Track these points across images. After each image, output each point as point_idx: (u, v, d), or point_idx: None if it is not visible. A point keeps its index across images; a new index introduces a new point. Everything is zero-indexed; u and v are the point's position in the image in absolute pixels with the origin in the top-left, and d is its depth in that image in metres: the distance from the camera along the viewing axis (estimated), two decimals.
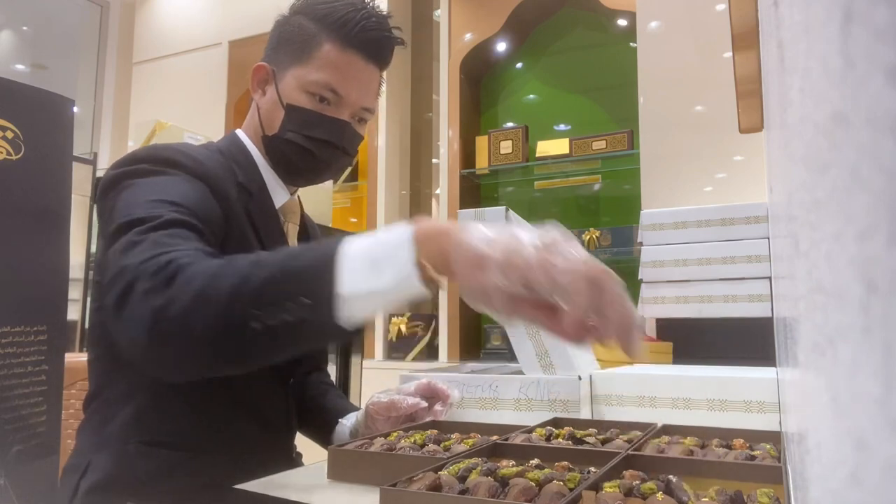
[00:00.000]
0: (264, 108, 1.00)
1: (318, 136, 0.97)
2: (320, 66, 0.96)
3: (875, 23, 0.11)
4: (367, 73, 0.99)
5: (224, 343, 0.63)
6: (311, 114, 0.96)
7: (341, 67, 0.96)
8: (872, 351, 0.11)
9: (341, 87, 0.96)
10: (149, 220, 0.74)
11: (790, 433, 0.48)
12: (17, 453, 0.43)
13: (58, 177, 0.50)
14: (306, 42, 0.97)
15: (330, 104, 0.97)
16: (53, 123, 0.48)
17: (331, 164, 1.01)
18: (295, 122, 0.97)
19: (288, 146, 0.98)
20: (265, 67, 1.00)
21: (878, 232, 0.11)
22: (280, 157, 1.00)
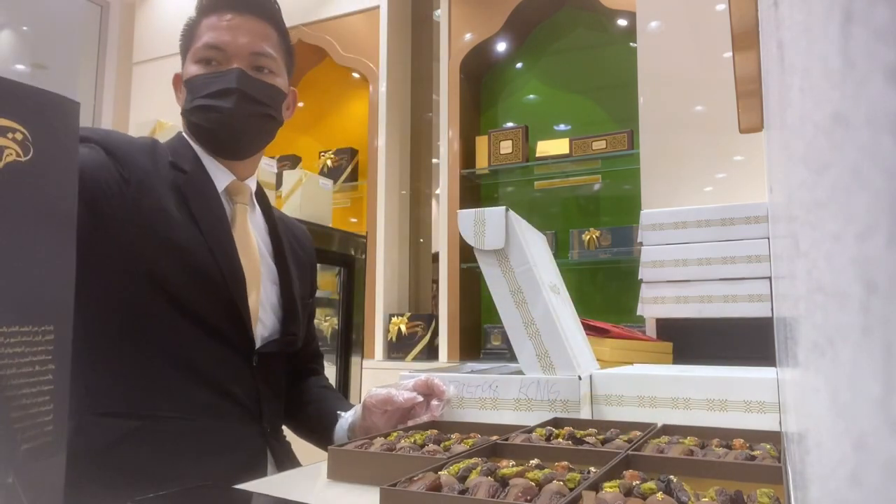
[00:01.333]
0: (181, 102, 1.06)
1: (213, 90, 1.00)
2: (200, 36, 1.03)
3: (875, 23, 0.11)
4: (247, 23, 1.04)
5: None
6: (201, 76, 1.01)
7: (216, 27, 1.03)
8: (872, 351, 0.11)
9: (220, 40, 1.02)
10: None
11: (790, 433, 0.48)
12: (26, 452, 0.43)
13: (65, 178, 0.51)
14: (190, 31, 1.06)
15: (220, 63, 1.02)
16: (61, 126, 0.48)
17: (234, 113, 1.01)
18: (192, 89, 1.02)
19: (194, 114, 1.02)
20: (177, 74, 1.08)
21: (878, 232, 0.11)
22: (196, 130, 1.04)
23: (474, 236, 1.06)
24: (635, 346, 1.55)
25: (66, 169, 0.47)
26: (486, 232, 1.05)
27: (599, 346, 1.44)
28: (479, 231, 1.06)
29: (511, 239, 1.05)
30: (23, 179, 0.43)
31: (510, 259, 1.04)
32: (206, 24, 1.04)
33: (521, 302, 1.04)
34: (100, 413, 0.90)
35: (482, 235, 1.06)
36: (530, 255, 1.05)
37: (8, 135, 0.40)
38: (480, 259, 1.07)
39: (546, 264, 1.20)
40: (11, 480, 0.39)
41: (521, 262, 1.04)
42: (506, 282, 1.05)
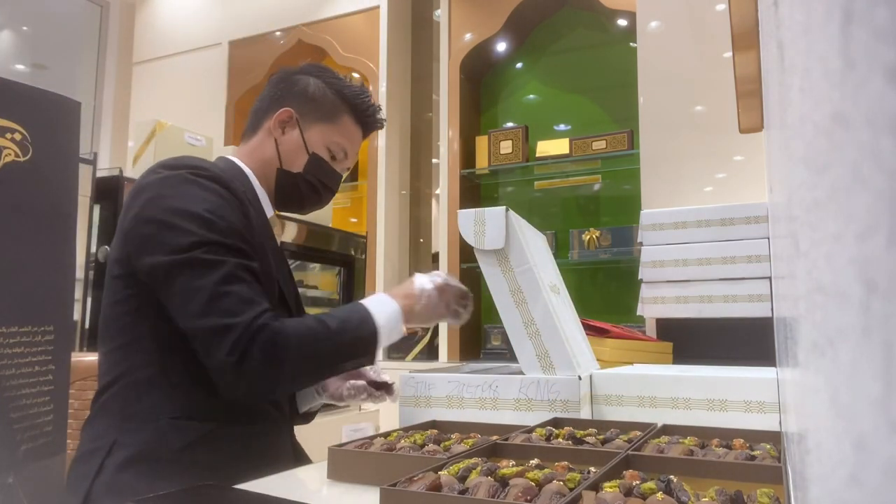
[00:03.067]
0: (287, 146, 1.21)
1: (328, 184, 1.24)
2: (342, 133, 1.24)
3: (875, 23, 0.11)
4: (360, 143, 1.31)
5: (310, 383, 1.14)
6: (328, 166, 1.23)
7: (354, 140, 1.27)
8: (872, 351, 0.11)
9: (349, 152, 1.26)
10: (217, 265, 0.95)
11: (790, 433, 0.48)
12: (25, 452, 0.43)
13: (65, 178, 0.51)
14: (332, 110, 1.23)
15: (338, 161, 1.25)
16: (61, 125, 0.48)
17: (322, 203, 1.27)
18: (316, 168, 1.21)
19: (304, 184, 1.21)
20: (290, 112, 1.21)
21: (878, 232, 0.11)
22: (291, 189, 1.21)
23: (474, 236, 1.06)
24: (635, 346, 1.55)
25: (66, 169, 0.47)
26: (486, 232, 1.05)
27: (599, 346, 1.44)
28: (479, 231, 1.06)
29: (511, 239, 1.05)
30: (22, 179, 0.43)
31: (510, 259, 1.04)
32: (350, 125, 1.24)
33: (521, 302, 1.04)
34: (176, 417, 0.99)
35: (482, 235, 1.06)
36: (530, 255, 1.05)
37: (7, 135, 0.40)
38: (480, 259, 1.07)
39: (546, 264, 1.20)
40: (11, 480, 0.39)
41: (521, 262, 1.04)
42: (506, 282, 1.05)
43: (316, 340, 0.99)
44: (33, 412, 0.46)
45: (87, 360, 1.36)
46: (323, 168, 1.22)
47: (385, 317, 1.06)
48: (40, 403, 0.46)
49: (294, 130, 1.21)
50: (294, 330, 0.97)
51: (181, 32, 3.98)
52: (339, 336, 1.01)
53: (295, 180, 1.21)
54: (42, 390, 0.47)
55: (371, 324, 1.04)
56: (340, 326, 1.01)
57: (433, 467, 0.63)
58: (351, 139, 1.25)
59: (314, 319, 1.01)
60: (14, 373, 0.43)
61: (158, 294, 0.97)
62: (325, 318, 1.02)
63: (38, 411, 0.46)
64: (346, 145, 1.25)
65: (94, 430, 0.99)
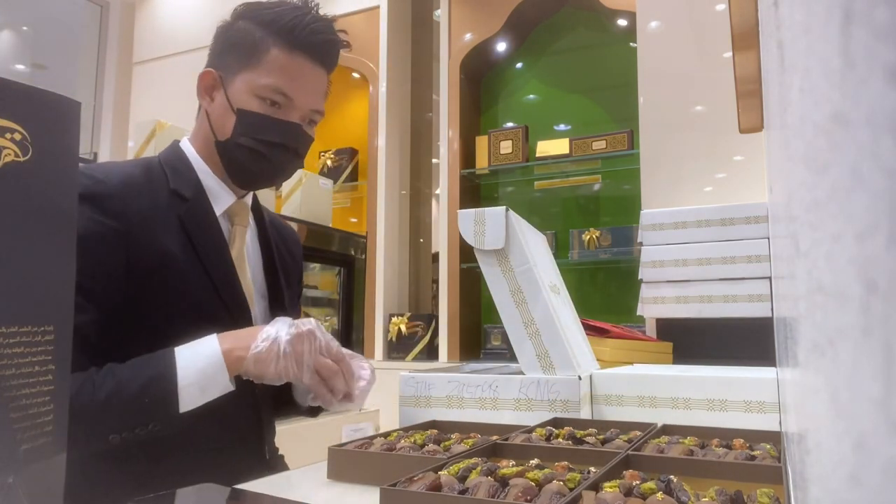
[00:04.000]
0: (215, 113, 1.02)
1: (271, 140, 0.99)
2: (269, 71, 0.98)
3: (875, 23, 0.11)
4: (315, 76, 1.02)
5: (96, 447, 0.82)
6: (262, 118, 0.98)
7: (290, 71, 0.99)
8: (872, 351, 0.11)
9: (291, 90, 0.99)
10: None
11: (790, 433, 0.48)
12: (26, 452, 0.43)
13: (65, 179, 0.50)
14: (253, 46, 0.99)
15: (280, 107, 1.00)
16: (61, 126, 0.48)
17: (284, 167, 1.03)
18: (247, 126, 0.98)
19: (240, 150, 0.99)
20: (212, 73, 1.03)
21: (878, 232, 0.11)
22: (233, 162, 1.01)
23: (474, 236, 1.06)
24: (635, 346, 1.55)
25: (66, 169, 0.47)
26: (486, 232, 1.05)
27: (599, 346, 1.44)
28: (479, 231, 1.06)
29: (511, 239, 1.05)
30: (22, 180, 0.43)
31: (510, 259, 1.04)
32: (277, 56, 0.99)
33: (521, 302, 1.04)
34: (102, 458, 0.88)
35: (482, 235, 1.06)
36: (530, 255, 1.05)
37: (6, 135, 0.40)
38: (480, 259, 1.07)
39: (546, 264, 1.20)
40: (11, 480, 0.39)
41: (521, 262, 1.04)
42: (506, 282, 1.05)
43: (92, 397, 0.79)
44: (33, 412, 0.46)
45: None
46: (255, 123, 0.98)
47: (195, 371, 0.83)
48: (40, 403, 0.46)
49: (219, 92, 1.02)
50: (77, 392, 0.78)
51: (181, 32, 3.98)
52: (107, 404, 0.79)
53: (227, 149, 1.00)
54: (42, 390, 0.47)
55: (169, 382, 0.82)
56: (115, 389, 0.79)
57: (433, 467, 0.63)
58: (285, 72, 0.98)
59: (84, 380, 0.80)
60: (14, 373, 0.43)
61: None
62: (106, 375, 0.81)
63: (38, 411, 0.46)
64: (280, 82, 0.98)
65: None
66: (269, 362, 0.84)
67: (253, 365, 0.84)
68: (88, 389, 0.80)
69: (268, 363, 0.84)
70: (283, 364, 0.84)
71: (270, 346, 0.85)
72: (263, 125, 0.99)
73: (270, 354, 0.84)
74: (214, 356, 0.84)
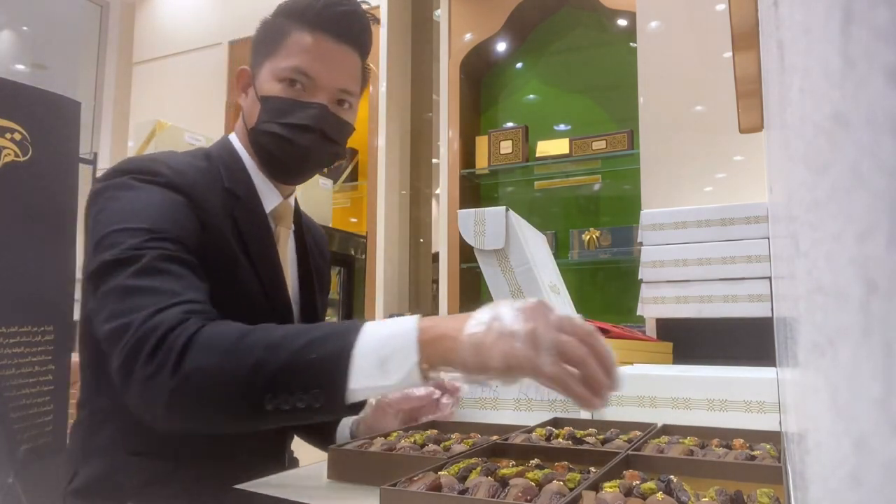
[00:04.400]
0: (246, 107, 1.01)
1: (293, 122, 0.95)
2: (290, 53, 0.96)
3: (875, 23, 0.11)
4: (340, 54, 0.98)
5: (235, 419, 0.69)
6: (283, 101, 0.96)
7: (310, 49, 0.96)
8: (872, 351, 0.11)
9: (311, 68, 0.95)
10: (136, 259, 0.76)
11: (790, 433, 0.48)
12: (26, 452, 0.43)
13: (64, 178, 0.50)
14: (275, 35, 0.98)
15: (305, 89, 0.96)
16: (60, 125, 0.48)
17: (311, 151, 0.97)
18: (269, 111, 0.96)
19: (266, 137, 0.97)
20: (245, 70, 1.03)
21: (878, 232, 0.11)
22: (262, 151, 0.99)
23: (474, 236, 1.06)
24: (635, 346, 1.55)
25: (66, 169, 0.47)
26: (486, 232, 1.05)
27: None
28: (479, 231, 1.06)
29: (511, 239, 1.05)
30: (22, 179, 0.43)
31: (510, 259, 1.04)
32: (297, 37, 0.96)
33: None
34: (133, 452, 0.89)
35: (482, 235, 1.06)
36: (530, 255, 1.05)
37: (6, 135, 0.40)
38: (480, 259, 1.07)
39: (546, 264, 1.20)
40: (11, 480, 0.39)
41: (521, 262, 1.04)
42: (506, 282, 1.05)
43: (244, 342, 0.67)
44: (33, 412, 0.46)
45: None
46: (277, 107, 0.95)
47: (380, 337, 0.66)
48: (40, 403, 0.45)
49: (251, 88, 1.01)
50: (218, 331, 0.70)
51: (181, 32, 3.98)
52: (283, 343, 0.66)
53: (256, 138, 0.98)
54: (42, 390, 0.47)
55: (345, 339, 0.66)
56: (292, 336, 0.67)
57: (433, 467, 0.63)
58: (305, 52, 0.95)
59: (266, 326, 0.72)
60: (14, 373, 0.43)
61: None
62: (290, 326, 0.76)
63: (38, 411, 0.46)
64: (299, 62, 0.95)
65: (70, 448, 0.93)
66: (493, 346, 0.62)
67: (471, 351, 0.63)
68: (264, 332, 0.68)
69: (492, 347, 0.63)
70: (512, 346, 0.62)
71: (491, 324, 0.64)
72: (284, 108, 0.95)
73: (491, 336, 0.63)
74: (405, 327, 0.67)
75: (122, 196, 0.85)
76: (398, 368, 0.65)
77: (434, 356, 0.66)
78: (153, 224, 0.81)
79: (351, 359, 0.65)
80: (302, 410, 0.65)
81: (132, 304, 0.72)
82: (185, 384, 0.66)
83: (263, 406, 0.65)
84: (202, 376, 0.66)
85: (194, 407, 0.68)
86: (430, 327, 0.67)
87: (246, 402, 0.66)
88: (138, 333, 0.69)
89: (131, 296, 0.74)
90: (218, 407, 0.67)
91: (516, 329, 0.63)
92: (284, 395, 0.65)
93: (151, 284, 0.74)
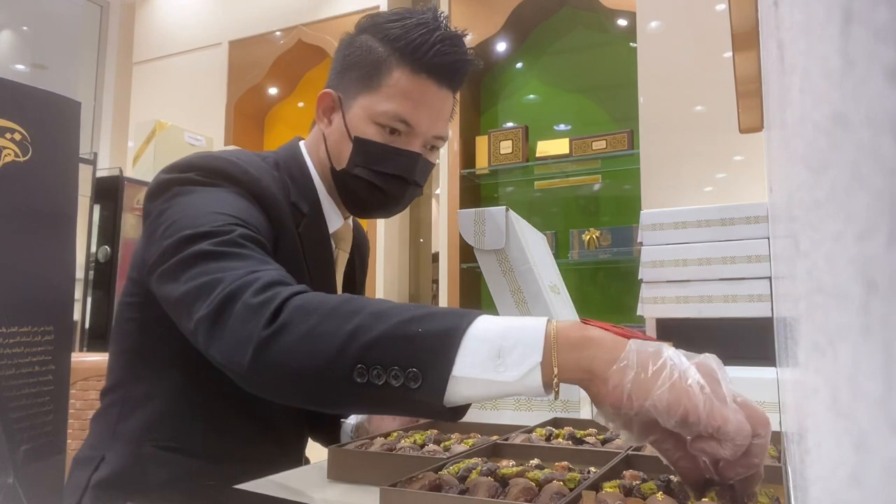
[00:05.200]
0: (332, 139, 0.94)
1: (388, 171, 0.91)
2: (390, 95, 0.89)
3: (875, 23, 0.11)
4: (440, 100, 0.93)
5: (321, 387, 0.60)
6: (380, 147, 0.90)
7: (413, 96, 0.90)
8: (872, 351, 0.11)
9: (413, 117, 0.90)
10: (223, 232, 0.72)
11: (790, 433, 0.48)
12: (26, 452, 0.43)
13: (64, 179, 0.51)
14: (375, 67, 0.90)
15: (401, 135, 0.91)
16: (60, 125, 0.48)
17: (401, 199, 0.95)
18: (363, 156, 0.91)
19: (356, 182, 0.92)
20: (331, 94, 0.95)
21: (878, 232, 0.11)
22: (348, 192, 0.95)
23: (474, 236, 1.06)
24: None
25: (66, 169, 0.47)
26: (486, 232, 1.05)
27: None
28: (479, 231, 1.06)
29: (511, 239, 1.05)
30: (22, 179, 0.43)
31: (510, 259, 1.04)
32: (400, 78, 0.89)
33: (521, 302, 1.04)
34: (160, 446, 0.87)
35: (482, 235, 1.06)
36: (530, 255, 1.05)
37: (6, 135, 0.40)
38: (480, 259, 1.07)
39: (546, 264, 1.20)
40: (11, 480, 0.39)
41: (521, 262, 1.04)
42: (506, 282, 1.05)
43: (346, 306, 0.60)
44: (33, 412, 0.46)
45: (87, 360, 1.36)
46: (372, 153, 0.90)
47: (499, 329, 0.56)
48: (40, 403, 0.46)
49: (337, 115, 0.94)
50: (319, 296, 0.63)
51: (181, 32, 3.98)
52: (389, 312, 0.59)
53: (342, 179, 0.94)
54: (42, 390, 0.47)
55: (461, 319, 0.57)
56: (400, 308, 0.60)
57: (433, 467, 0.63)
58: (407, 97, 0.89)
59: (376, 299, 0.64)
60: (14, 373, 0.43)
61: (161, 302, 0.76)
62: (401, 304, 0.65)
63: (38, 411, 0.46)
64: (401, 109, 0.89)
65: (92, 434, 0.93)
66: (662, 377, 0.49)
67: (628, 384, 0.50)
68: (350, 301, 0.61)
69: (658, 377, 0.49)
70: (688, 385, 0.49)
71: (660, 362, 0.50)
72: (381, 155, 0.91)
73: (661, 377, 0.49)
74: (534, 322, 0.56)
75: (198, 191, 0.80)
76: (518, 363, 0.54)
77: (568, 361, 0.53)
78: (238, 214, 0.77)
79: (463, 339, 0.55)
80: (395, 390, 0.56)
81: (224, 265, 0.67)
82: (277, 337, 0.60)
83: (352, 378, 0.57)
84: (295, 332, 0.60)
85: (281, 366, 0.60)
86: (567, 328, 0.55)
87: (336, 370, 0.58)
88: (235, 284, 0.64)
89: (222, 258, 0.68)
90: (305, 371, 0.59)
91: (697, 384, 0.49)
92: (378, 369, 0.56)
93: (241, 252, 0.69)
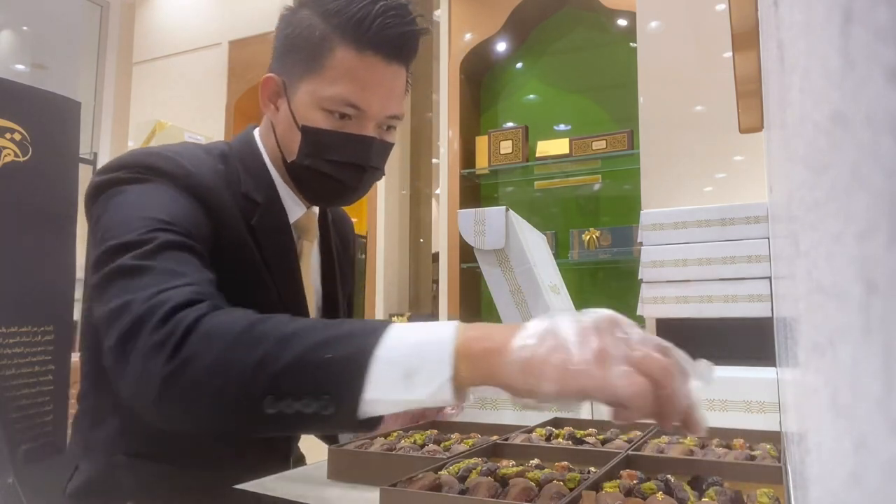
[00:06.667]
0: (280, 127, 0.89)
1: (342, 160, 0.85)
2: (335, 78, 0.83)
3: (875, 23, 0.11)
4: (391, 76, 0.86)
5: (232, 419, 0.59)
6: (330, 135, 0.84)
7: (360, 76, 0.83)
8: (872, 351, 0.11)
9: (362, 100, 0.83)
10: (144, 242, 0.70)
11: (790, 433, 0.48)
12: (26, 452, 0.43)
13: (64, 178, 0.50)
14: (317, 47, 0.83)
15: (351, 119, 0.85)
16: (60, 125, 0.48)
17: (358, 186, 0.89)
18: (313, 146, 0.85)
19: (308, 173, 0.87)
20: (274, 79, 0.88)
21: (878, 232, 0.11)
22: (302, 184, 0.90)
23: (474, 236, 1.06)
24: None
25: (66, 169, 0.47)
26: (486, 232, 1.05)
27: None
28: (479, 231, 1.06)
29: (511, 239, 1.05)
30: (22, 179, 0.43)
31: (510, 259, 1.04)
32: (343, 58, 0.82)
33: (521, 302, 1.04)
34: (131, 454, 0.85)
35: (482, 235, 1.06)
36: (530, 255, 1.05)
37: (6, 135, 0.40)
38: (480, 259, 1.07)
39: (546, 264, 1.20)
40: (11, 480, 0.39)
41: (521, 262, 1.04)
42: (506, 282, 1.05)
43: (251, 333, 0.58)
44: (33, 412, 0.46)
45: None
46: (323, 142, 0.84)
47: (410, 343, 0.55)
48: (40, 403, 0.46)
49: (283, 102, 0.88)
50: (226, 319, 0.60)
51: (181, 32, 3.98)
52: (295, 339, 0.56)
53: (297, 172, 0.88)
54: (42, 390, 0.47)
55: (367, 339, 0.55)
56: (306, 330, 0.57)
57: (433, 467, 0.63)
58: (353, 78, 0.82)
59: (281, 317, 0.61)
60: (14, 373, 0.43)
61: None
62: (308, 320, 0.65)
63: (38, 411, 0.46)
64: (347, 92, 0.82)
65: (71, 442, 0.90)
66: (548, 366, 0.50)
67: (519, 372, 0.51)
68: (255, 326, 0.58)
69: (545, 367, 0.50)
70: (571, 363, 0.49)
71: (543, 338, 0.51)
72: (331, 144, 0.85)
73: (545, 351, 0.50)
74: (441, 335, 0.55)
75: (128, 191, 0.78)
76: (427, 382, 0.53)
77: (473, 372, 0.53)
78: (165, 215, 0.74)
79: (371, 363, 0.54)
80: (308, 418, 0.55)
81: (137, 284, 0.65)
82: (181, 372, 0.58)
83: (263, 408, 0.56)
84: (199, 366, 0.57)
85: (187, 400, 0.58)
86: (471, 338, 0.54)
87: (245, 401, 0.56)
88: (140, 310, 0.61)
89: (136, 275, 0.66)
90: (212, 404, 0.58)
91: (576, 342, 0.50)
92: (289, 399, 0.55)
93: (159, 265, 0.67)
